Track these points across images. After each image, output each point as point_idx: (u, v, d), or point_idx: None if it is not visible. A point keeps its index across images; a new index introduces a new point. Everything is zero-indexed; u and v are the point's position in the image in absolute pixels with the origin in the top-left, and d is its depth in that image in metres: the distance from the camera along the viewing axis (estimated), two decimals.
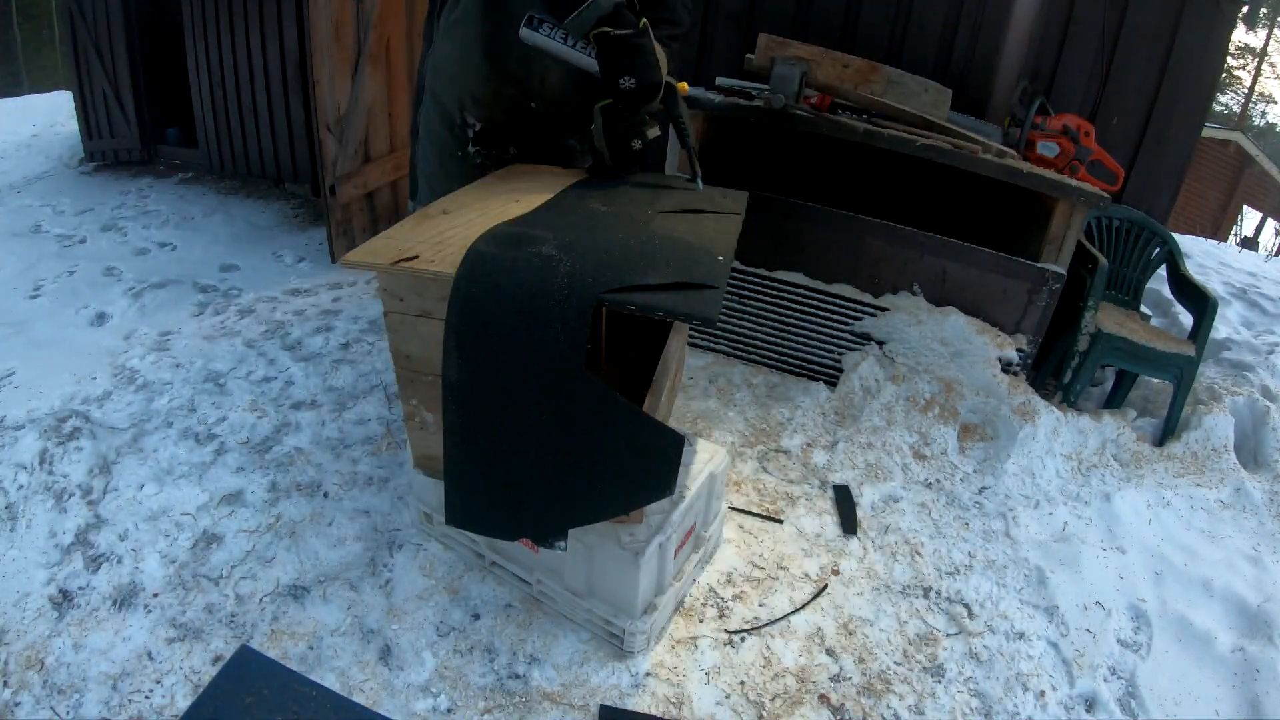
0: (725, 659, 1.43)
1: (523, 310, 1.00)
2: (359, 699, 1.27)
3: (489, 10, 1.47)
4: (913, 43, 2.68)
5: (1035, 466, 2.07)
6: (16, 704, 1.24)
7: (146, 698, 1.26)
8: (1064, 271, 2.18)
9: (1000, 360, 2.22)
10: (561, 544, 1.15)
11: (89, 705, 1.24)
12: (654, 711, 1.31)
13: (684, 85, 1.45)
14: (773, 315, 2.44)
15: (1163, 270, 2.60)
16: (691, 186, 1.54)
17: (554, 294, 1.00)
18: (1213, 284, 3.39)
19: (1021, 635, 1.58)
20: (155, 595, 1.46)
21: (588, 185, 1.49)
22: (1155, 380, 2.51)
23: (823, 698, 1.38)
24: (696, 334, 2.54)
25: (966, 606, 1.63)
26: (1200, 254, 4.21)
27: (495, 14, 1.46)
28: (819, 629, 1.52)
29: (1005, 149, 2.18)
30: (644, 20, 1.34)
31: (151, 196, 4.02)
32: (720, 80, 2.75)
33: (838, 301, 2.36)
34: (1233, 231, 11.23)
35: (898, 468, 2.04)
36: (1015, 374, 2.25)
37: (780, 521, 1.80)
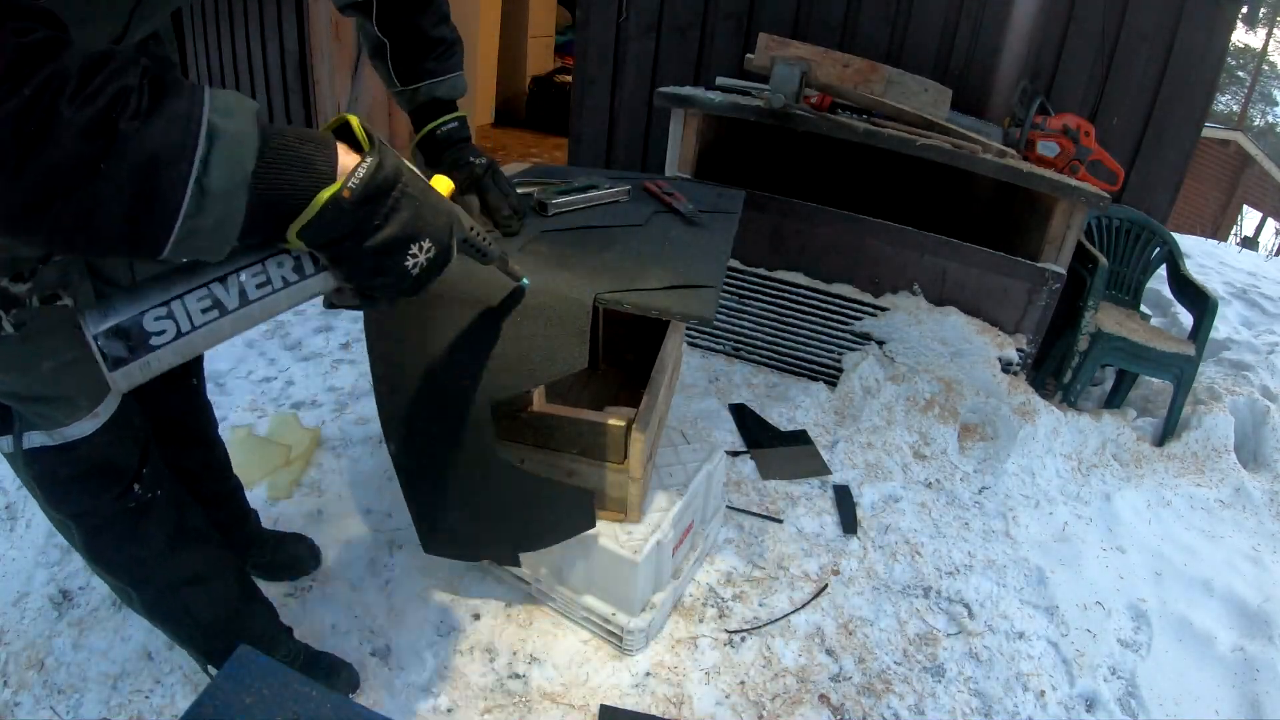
0: (725, 659, 1.43)
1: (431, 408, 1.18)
2: (359, 699, 1.27)
3: None
4: (913, 43, 2.68)
5: (1035, 466, 2.07)
6: (16, 704, 1.24)
7: (146, 698, 1.26)
8: (1064, 271, 2.18)
9: (1000, 360, 2.22)
10: (516, 566, 1.37)
11: (89, 705, 1.24)
12: (654, 711, 1.31)
13: (444, 181, 0.74)
14: (773, 315, 2.44)
15: (1163, 270, 2.60)
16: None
17: (450, 395, 1.15)
18: (1213, 284, 3.39)
19: (1021, 635, 1.58)
20: None
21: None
22: (1155, 380, 2.51)
23: (823, 698, 1.38)
24: (697, 334, 2.54)
25: (966, 606, 1.63)
26: (1200, 254, 4.21)
27: None
28: (819, 629, 1.52)
29: (1005, 149, 2.18)
30: (340, 119, 0.66)
31: None
32: (720, 80, 2.75)
33: (838, 301, 2.36)
34: (1233, 231, 11.24)
35: (898, 467, 2.04)
36: (1015, 374, 2.25)
37: (780, 521, 1.80)
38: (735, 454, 2.00)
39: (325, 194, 0.58)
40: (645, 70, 3.06)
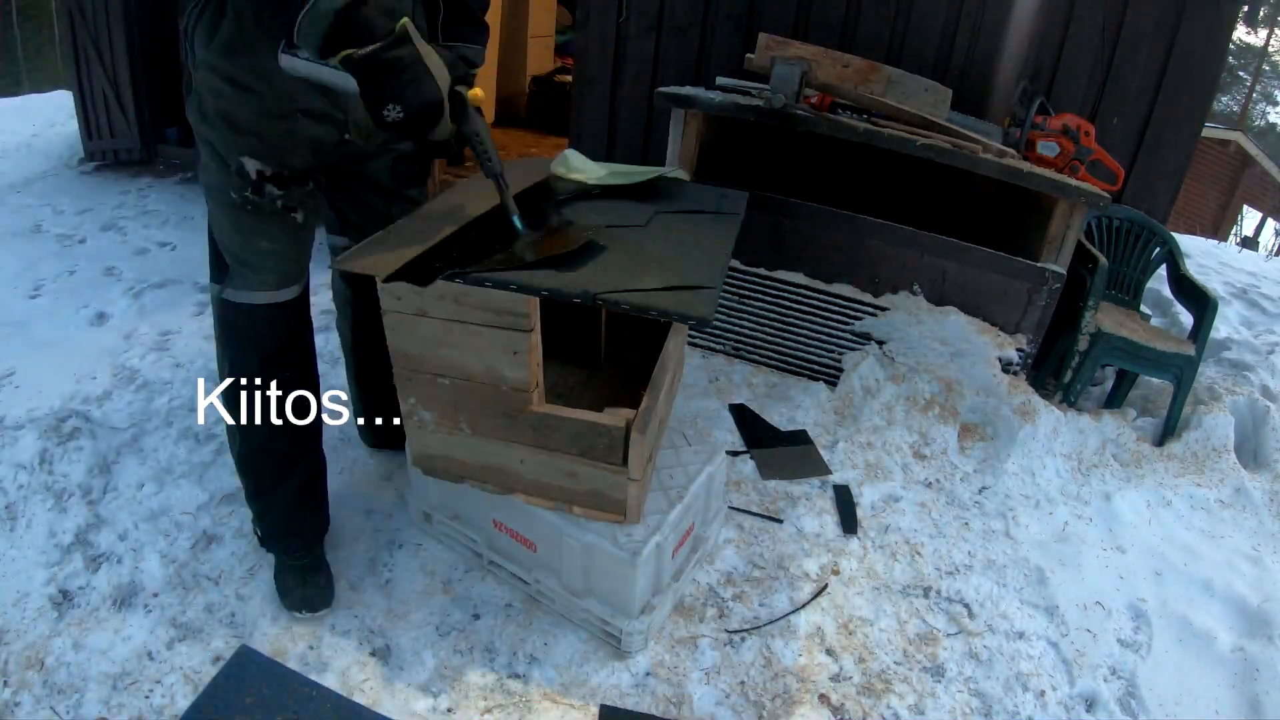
0: (725, 659, 1.43)
1: None
2: (359, 699, 1.27)
3: (270, 31, 1.13)
4: (913, 43, 2.68)
5: (1035, 466, 2.07)
6: (16, 704, 1.24)
7: (146, 698, 1.26)
8: (1064, 271, 2.18)
9: (1000, 360, 2.22)
10: None
11: (89, 705, 1.24)
12: (654, 711, 1.31)
13: (477, 92, 1.13)
14: (773, 315, 2.44)
15: (1163, 270, 2.60)
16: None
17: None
18: (1213, 284, 3.39)
19: (1021, 635, 1.58)
20: (155, 595, 1.46)
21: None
22: (1155, 380, 2.51)
23: (823, 698, 1.38)
24: (697, 334, 2.54)
25: (966, 606, 1.63)
26: (1200, 254, 4.21)
27: (276, 35, 1.12)
28: (819, 629, 1.52)
29: (1005, 149, 2.18)
30: (402, 21, 1.03)
31: (151, 196, 4.01)
32: (720, 80, 2.75)
33: (838, 301, 2.36)
34: (1233, 231, 11.24)
35: (898, 467, 2.04)
36: (1015, 374, 2.25)
37: (780, 521, 1.80)
38: (735, 454, 2.00)
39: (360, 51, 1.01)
40: (645, 70, 3.05)
